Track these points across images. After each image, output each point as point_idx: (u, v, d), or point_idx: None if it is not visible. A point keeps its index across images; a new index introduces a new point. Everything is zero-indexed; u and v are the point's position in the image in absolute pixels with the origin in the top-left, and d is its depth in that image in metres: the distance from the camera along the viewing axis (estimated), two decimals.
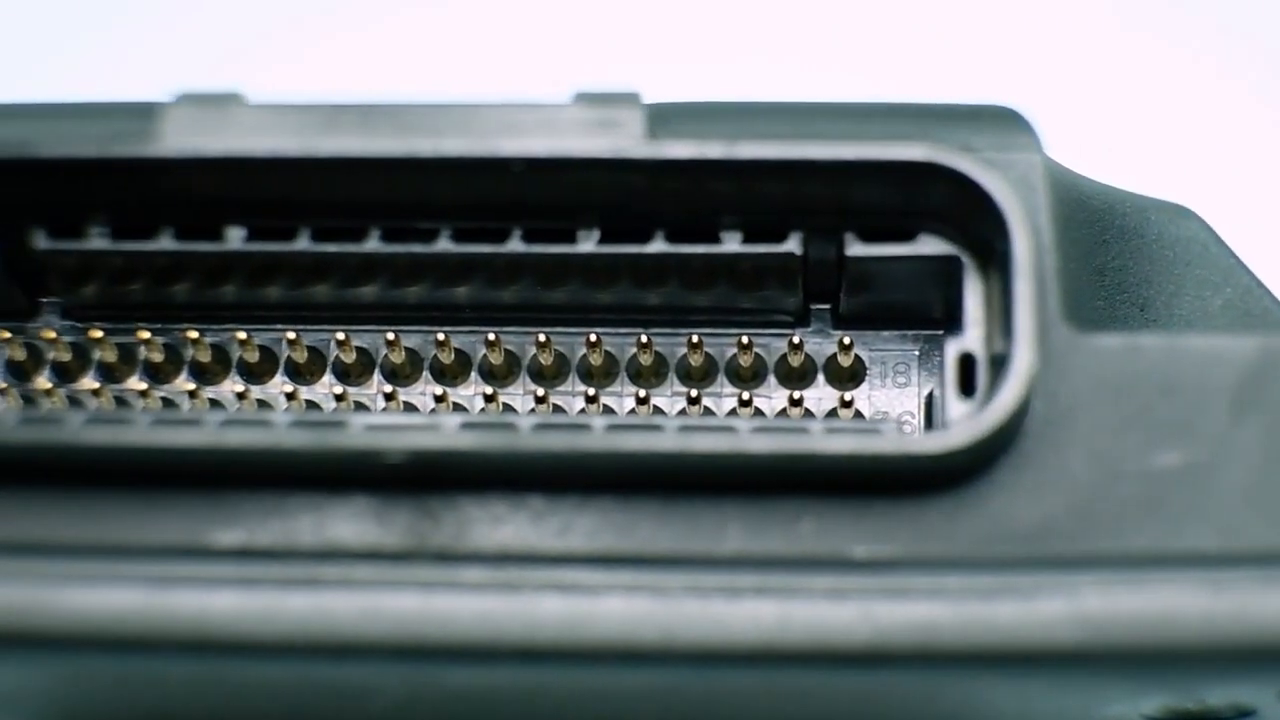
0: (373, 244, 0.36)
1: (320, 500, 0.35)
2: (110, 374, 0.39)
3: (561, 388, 0.38)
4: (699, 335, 0.38)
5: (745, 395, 0.37)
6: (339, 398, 0.38)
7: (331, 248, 0.36)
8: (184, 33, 0.65)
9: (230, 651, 0.34)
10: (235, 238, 0.37)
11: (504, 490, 0.35)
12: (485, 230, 0.36)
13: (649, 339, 0.38)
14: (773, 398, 0.39)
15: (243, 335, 0.38)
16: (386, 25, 0.63)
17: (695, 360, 0.38)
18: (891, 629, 0.35)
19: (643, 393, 0.38)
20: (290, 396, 0.38)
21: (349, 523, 0.35)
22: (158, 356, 0.38)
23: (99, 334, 0.38)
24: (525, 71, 0.61)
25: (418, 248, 0.36)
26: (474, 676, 0.35)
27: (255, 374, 0.39)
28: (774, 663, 0.35)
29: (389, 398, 0.38)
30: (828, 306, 0.39)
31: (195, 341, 0.38)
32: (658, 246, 0.36)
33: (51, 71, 0.65)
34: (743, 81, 0.59)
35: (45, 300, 0.39)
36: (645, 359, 0.38)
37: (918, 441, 0.34)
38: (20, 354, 0.39)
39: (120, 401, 0.38)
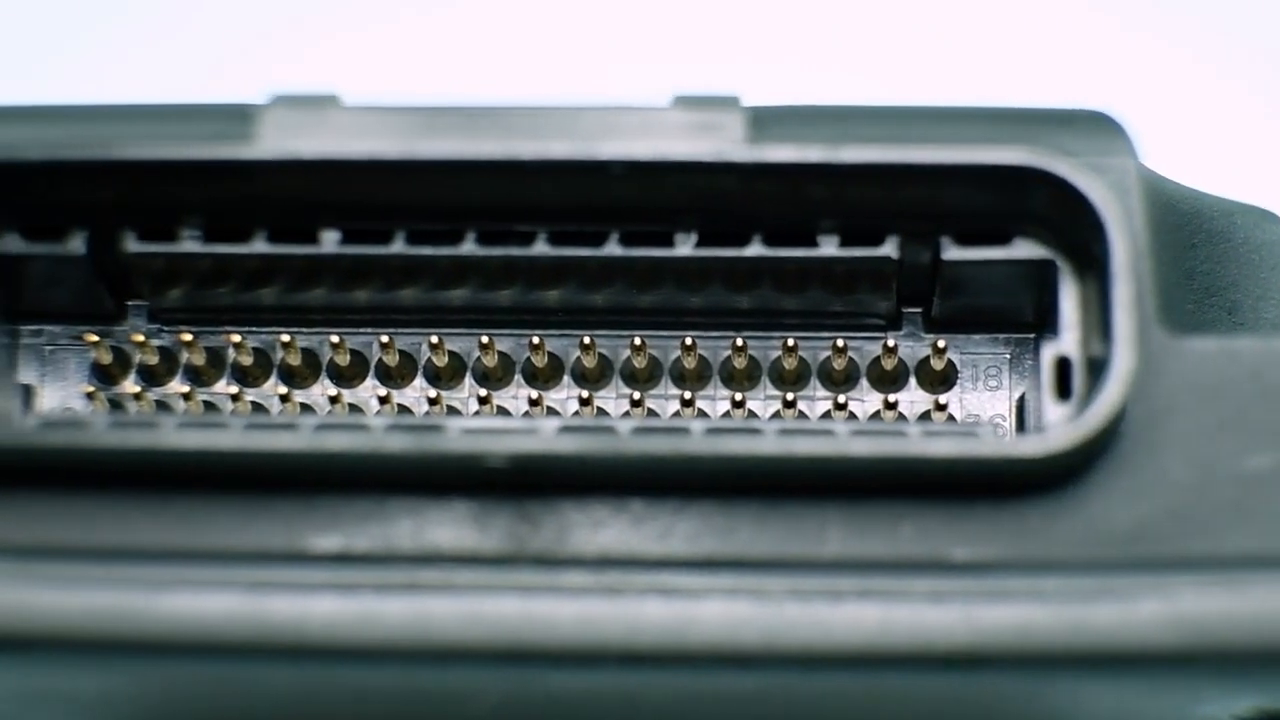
0: (468, 247, 0.37)
1: (419, 505, 0.35)
2: (197, 378, 0.39)
3: (655, 391, 0.39)
4: (794, 339, 0.38)
5: (841, 399, 0.38)
6: (432, 401, 0.39)
7: (427, 251, 0.37)
8: (183, 34, 0.65)
9: (328, 657, 0.35)
10: (329, 241, 0.37)
11: (604, 494, 0.35)
12: (582, 233, 0.37)
13: (744, 342, 0.38)
14: (865, 401, 0.39)
15: (335, 339, 0.38)
16: (403, 26, 0.63)
17: (789, 364, 0.38)
18: (990, 631, 0.35)
19: (739, 396, 0.38)
20: (383, 400, 0.38)
21: (448, 527, 0.35)
22: (247, 360, 0.39)
23: (189, 337, 0.38)
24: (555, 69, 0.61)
25: (514, 251, 0.37)
26: (574, 681, 0.35)
27: (346, 378, 0.39)
28: (874, 666, 0.35)
29: (483, 401, 0.38)
30: (919, 310, 0.39)
31: (286, 345, 0.38)
32: (755, 250, 0.37)
33: (49, 71, 0.65)
34: (818, 84, 0.60)
35: (132, 304, 0.39)
36: (739, 362, 0.38)
37: (1018, 444, 0.35)
38: (107, 357, 0.39)
39: (209, 406, 0.39)
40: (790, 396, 0.38)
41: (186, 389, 0.39)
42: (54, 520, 0.36)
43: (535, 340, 0.38)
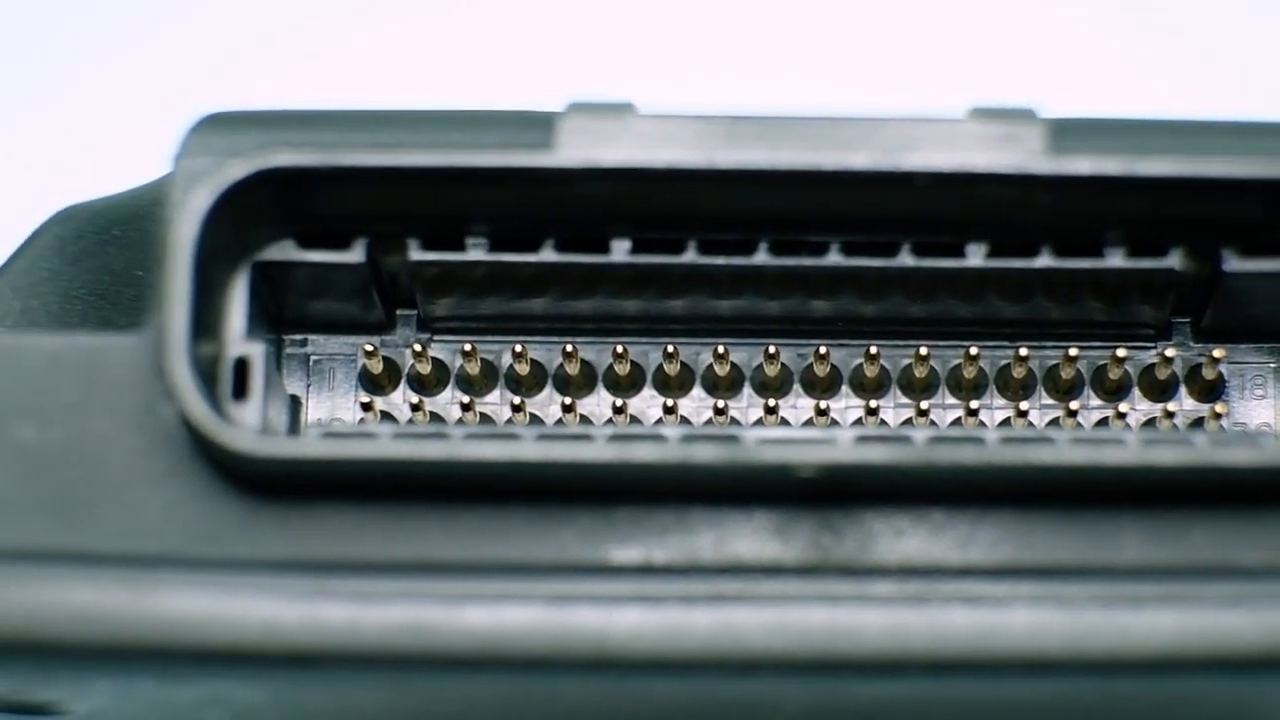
0: (761, 257, 0.39)
1: (721, 515, 0.38)
2: (469, 387, 0.41)
3: (934, 400, 0.41)
4: (1076, 349, 0.40)
5: (1122, 408, 0.41)
6: (719, 411, 0.41)
7: (718, 260, 0.39)
8: (181, 35, 0.66)
9: (631, 669, 0.38)
10: (620, 250, 0.39)
11: (904, 504, 0.39)
12: (874, 244, 0.39)
13: (1028, 352, 0.40)
14: (1137, 409, 0.41)
15: (619, 349, 0.41)
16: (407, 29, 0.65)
17: (1067, 373, 0.41)
18: None
19: (1024, 405, 0.40)
20: (669, 410, 0.40)
21: (749, 538, 0.38)
22: (524, 370, 0.40)
23: (469, 347, 0.40)
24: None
25: (806, 261, 0.39)
26: (879, 689, 0.38)
27: (623, 387, 0.41)
28: (1171, 670, 0.38)
29: (770, 411, 0.40)
30: (1187, 320, 0.41)
31: (568, 355, 0.40)
32: (1044, 261, 0.39)
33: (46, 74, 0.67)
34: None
35: (401, 313, 0.41)
36: (1018, 372, 0.41)
37: None
38: (378, 367, 0.41)
39: (484, 417, 0.40)
40: (1074, 406, 0.40)
41: (466, 399, 0.41)
42: (346, 534, 0.39)
43: (822, 350, 0.41)
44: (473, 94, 0.51)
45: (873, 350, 0.41)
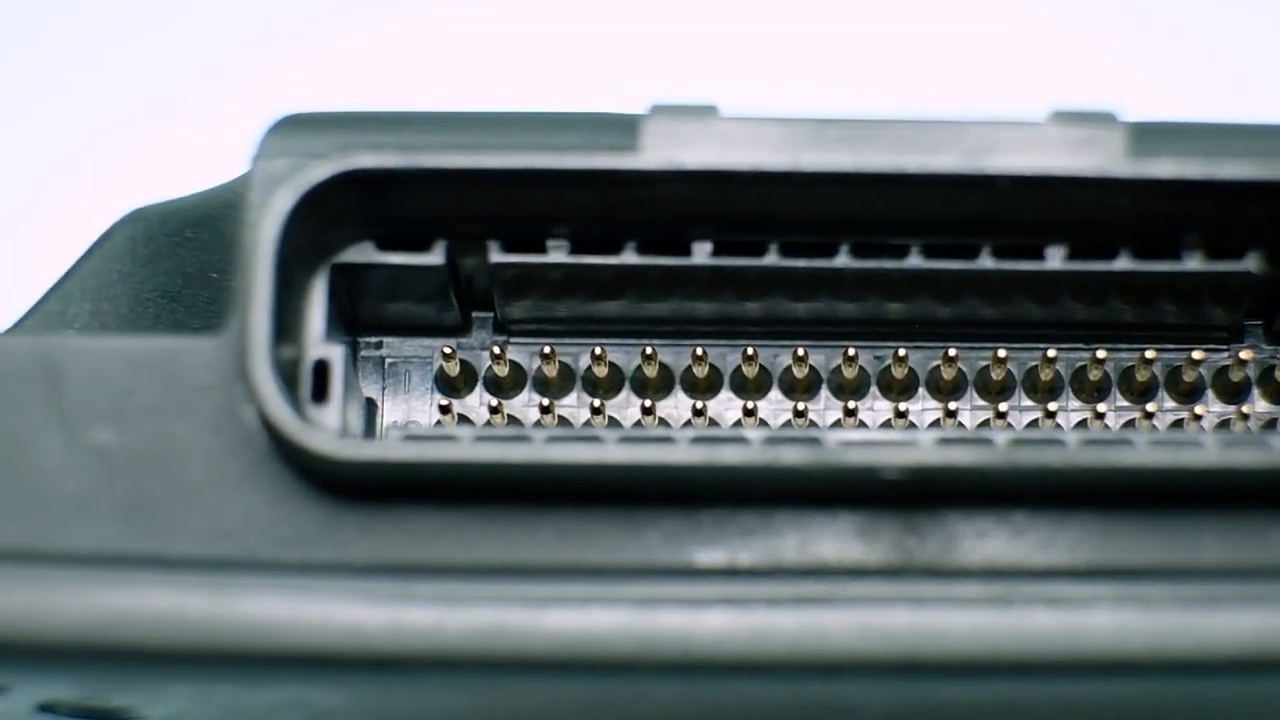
0: (842, 259, 0.39)
1: (804, 517, 0.39)
2: (545, 390, 0.42)
3: (1010, 403, 0.41)
4: (1153, 351, 0.41)
5: (1197, 410, 0.41)
6: (799, 413, 0.42)
7: (800, 263, 0.39)
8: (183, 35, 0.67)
9: (717, 672, 0.38)
10: (701, 252, 0.39)
11: (986, 506, 0.39)
12: (954, 247, 0.39)
13: (1107, 353, 0.41)
14: (1211, 410, 0.42)
15: (700, 351, 0.41)
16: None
17: (1142, 375, 0.42)
18: None
19: (1101, 407, 0.41)
20: (749, 413, 0.41)
21: (833, 540, 0.38)
22: (602, 372, 0.40)
23: (548, 350, 0.40)
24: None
25: (888, 264, 0.39)
26: (962, 690, 0.38)
27: (700, 390, 0.41)
28: (1253, 670, 0.38)
29: (849, 413, 0.40)
30: (1259, 323, 0.42)
31: (648, 357, 0.41)
32: (1122, 264, 0.39)
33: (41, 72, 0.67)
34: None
35: (477, 315, 0.42)
36: (1094, 374, 0.41)
37: None
38: (455, 370, 0.41)
39: (562, 420, 0.41)
40: (1153, 408, 0.41)
41: (544, 402, 0.41)
42: (428, 537, 0.39)
43: (901, 352, 0.41)
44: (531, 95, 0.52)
45: (950, 353, 0.41)
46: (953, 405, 0.42)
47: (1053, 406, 0.42)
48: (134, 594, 0.39)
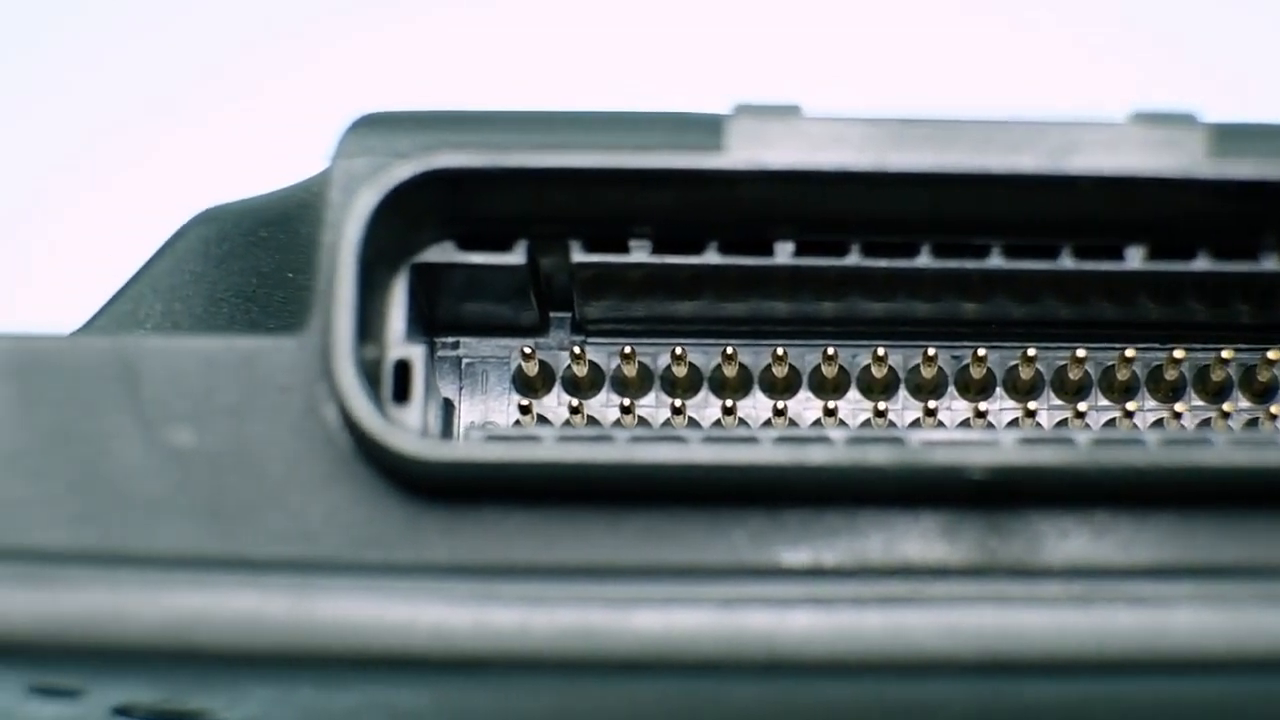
0: (923, 260, 0.39)
1: (889, 518, 0.39)
2: (622, 390, 0.42)
3: (1088, 403, 0.41)
4: (1230, 350, 0.41)
5: (1273, 409, 0.41)
6: (880, 413, 0.42)
7: (881, 263, 0.39)
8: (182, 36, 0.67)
9: (803, 671, 0.38)
10: (783, 252, 0.39)
11: (1068, 505, 0.39)
12: (1034, 247, 0.39)
13: (1185, 353, 0.41)
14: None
15: (780, 351, 0.41)
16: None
17: (1217, 376, 0.42)
18: None
19: (1178, 407, 0.41)
20: (830, 413, 0.41)
21: (917, 540, 0.39)
22: (681, 372, 0.40)
23: (629, 350, 0.40)
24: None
25: (969, 264, 0.39)
26: (1045, 689, 0.39)
27: (777, 390, 0.41)
28: None
29: (929, 413, 0.41)
30: None
31: (728, 357, 0.41)
32: (1202, 264, 0.40)
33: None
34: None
35: (554, 315, 0.42)
36: (1170, 374, 0.42)
37: None
38: (534, 370, 0.41)
39: (642, 420, 0.41)
40: (1228, 408, 0.41)
41: (625, 402, 0.41)
42: (512, 538, 0.39)
43: (981, 352, 0.42)
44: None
45: (1029, 353, 0.42)
46: (1031, 405, 0.42)
47: (1130, 406, 0.42)
48: (215, 596, 0.39)
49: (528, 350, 0.42)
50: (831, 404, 0.42)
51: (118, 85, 0.68)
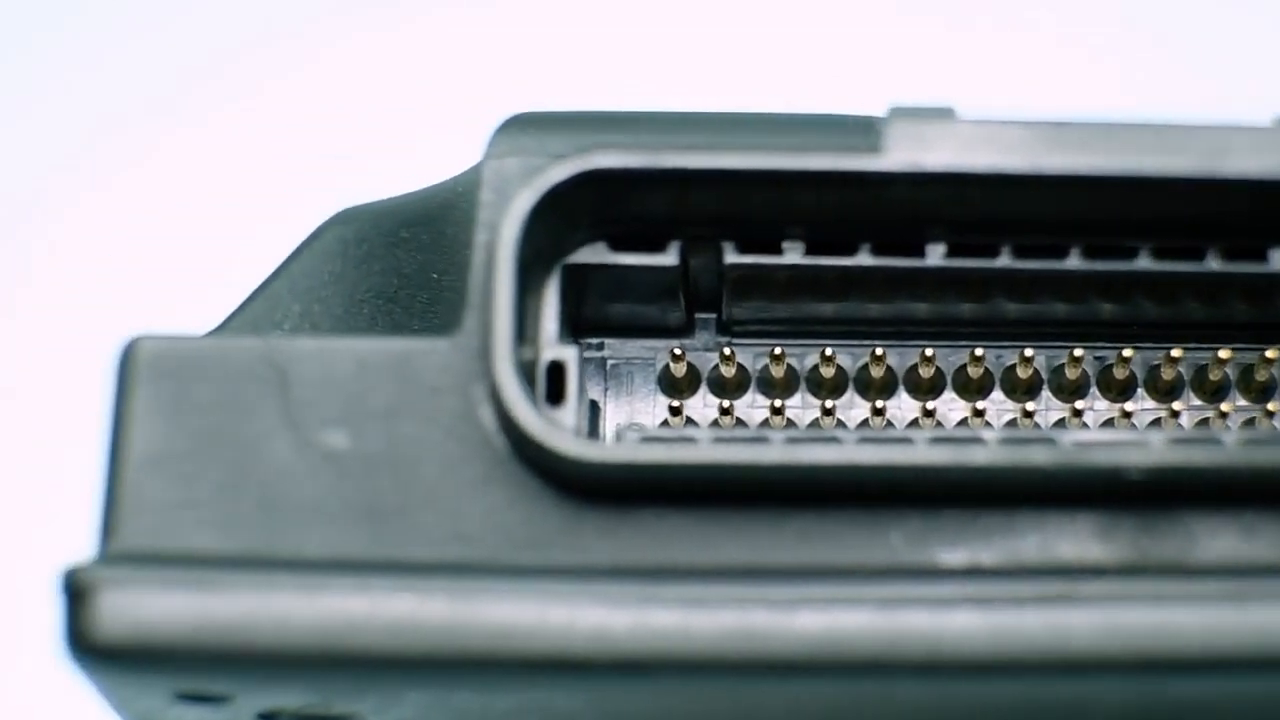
0: (1073, 261, 0.40)
1: (1044, 518, 0.39)
2: (768, 391, 0.42)
3: (1230, 403, 0.42)
4: None
5: None
6: (1028, 414, 0.42)
7: (1032, 265, 0.39)
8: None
9: (964, 670, 0.38)
10: (935, 254, 0.39)
11: (1218, 504, 0.40)
12: (1181, 249, 0.40)
13: None
14: None
15: (929, 352, 0.42)
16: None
17: None
18: None
19: None
20: (978, 414, 0.41)
21: (1071, 540, 0.39)
22: (829, 372, 0.41)
23: (779, 351, 0.40)
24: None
25: (1118, 265, 0.40)
26: (1199, 687, 0.39)
27: (923, 390, 0.42)
28: None
29: (1076, 414, 0.41)
30: None
31: (878, 358, 0.41)
32: None
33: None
34: None
35: (700, 316, 0.42)
36: None
37: None
38: (681, 371, 0.41)
39: (791, 421, 0.41)
40: None
41: (775, 403, 0.41)
42: (671, 539, 0.40)
43: (1126, 353, 0.42)
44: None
45: (1174, 353, 0.42)
46: (1176, 406, 0.42)
47: (1272, 406, 0.42)
48: (371, 599, 0.39)
49: (678, 352, 0.42)
50: (980, 405, 0.42)
51: (118, 85, 0.68)
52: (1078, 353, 0.42)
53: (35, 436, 0.64)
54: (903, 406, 0.42)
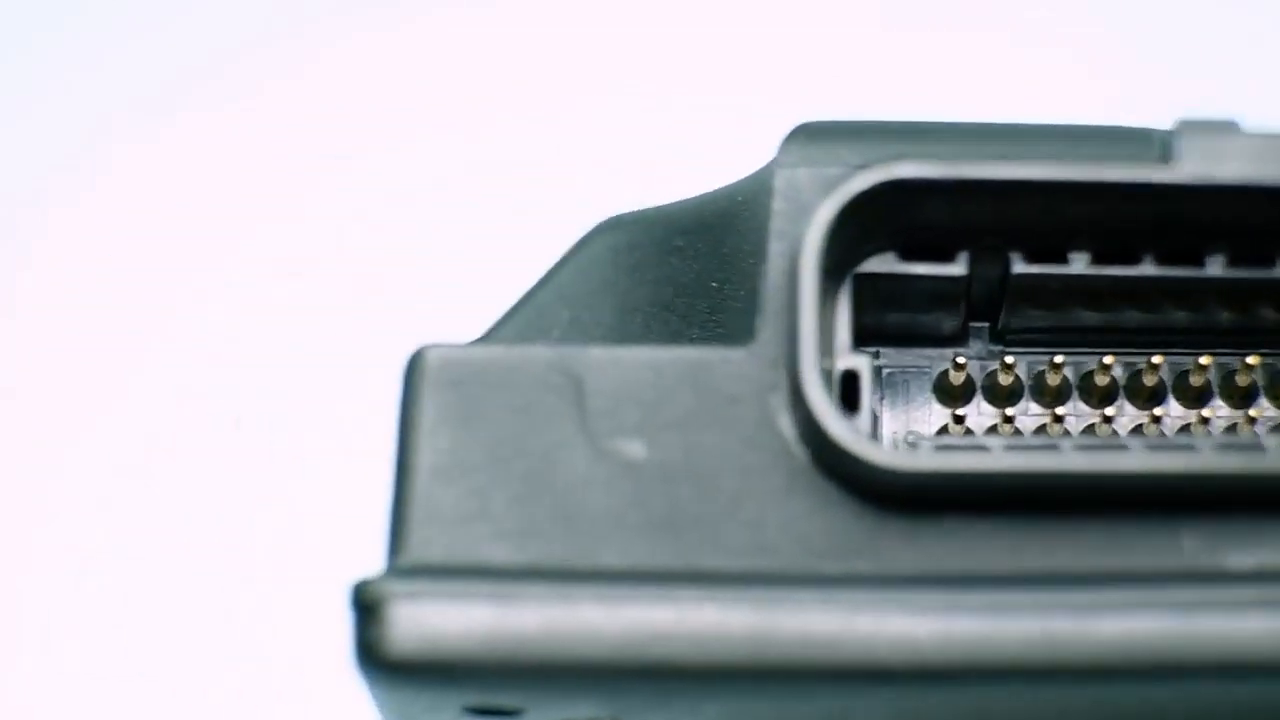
0: None
1: None
2: (1041, 399, 0.42)
3: None
4: None
5: None
6: (1252, 419, 0.42)
7: None
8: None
9: (1260, 673, 0.37)
10: (1214, 264, 0.40)
11: None
12: None
13: None
14: None
15: (1204, 360, 0.41)
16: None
17: None
18: None
19: None
20: (1251, 420, 0.41)
21: None
22: (1104, 380, 0.41)
23: (1060, 359, 0.41)
24: None
25: None
26: None
27: (1190, 398, 0.42)
28: None
29: None
30: None
31: (1153, 366, 0.41)
32: None
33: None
34: None
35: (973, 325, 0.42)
36: None
37: None
38: (959, 379, 0.42)
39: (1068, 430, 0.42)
40: None
41: (1057, 411, 0.42)
42: (973, 547, 0.40)
43: None
44: None
45: None
46: None
47: None
48: (674, 611, 0.39)
49: (960, 361, 0.42)
50: (1254, 411, 0.43)
51: (118, 85, 0.68)
52: None
53: None
54: (1171, 413, 0.42)
